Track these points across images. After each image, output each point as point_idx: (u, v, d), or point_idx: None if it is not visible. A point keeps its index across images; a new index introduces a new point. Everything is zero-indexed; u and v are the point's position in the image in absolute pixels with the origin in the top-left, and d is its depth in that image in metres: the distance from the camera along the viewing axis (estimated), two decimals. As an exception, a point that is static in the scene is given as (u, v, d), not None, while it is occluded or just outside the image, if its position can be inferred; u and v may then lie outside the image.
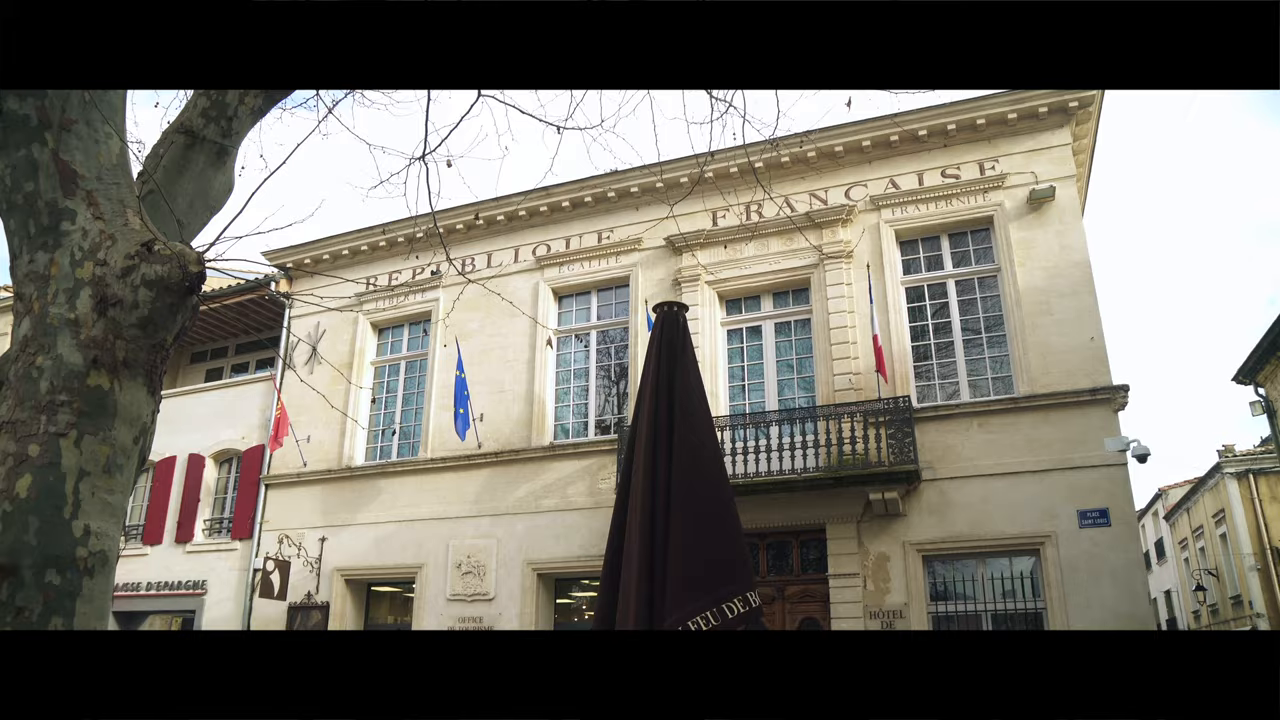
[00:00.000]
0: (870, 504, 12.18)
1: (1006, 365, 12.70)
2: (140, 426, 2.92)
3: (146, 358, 2.93)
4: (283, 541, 16.37)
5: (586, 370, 15.46)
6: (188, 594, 17.47)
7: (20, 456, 2.65)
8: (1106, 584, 11.25)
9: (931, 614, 12.05)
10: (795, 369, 13.98)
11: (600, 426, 14.95)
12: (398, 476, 15.98)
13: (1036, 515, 11.73)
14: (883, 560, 12.28)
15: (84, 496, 2.68)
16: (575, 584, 14.76)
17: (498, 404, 15.47)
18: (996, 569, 12.07)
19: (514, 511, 14.73)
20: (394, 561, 15.52)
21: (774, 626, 12.74)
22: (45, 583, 2.54)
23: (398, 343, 17.49)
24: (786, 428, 12.75)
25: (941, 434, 12.46)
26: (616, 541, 4.43)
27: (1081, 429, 11.84)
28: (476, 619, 14.50)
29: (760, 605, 4.05)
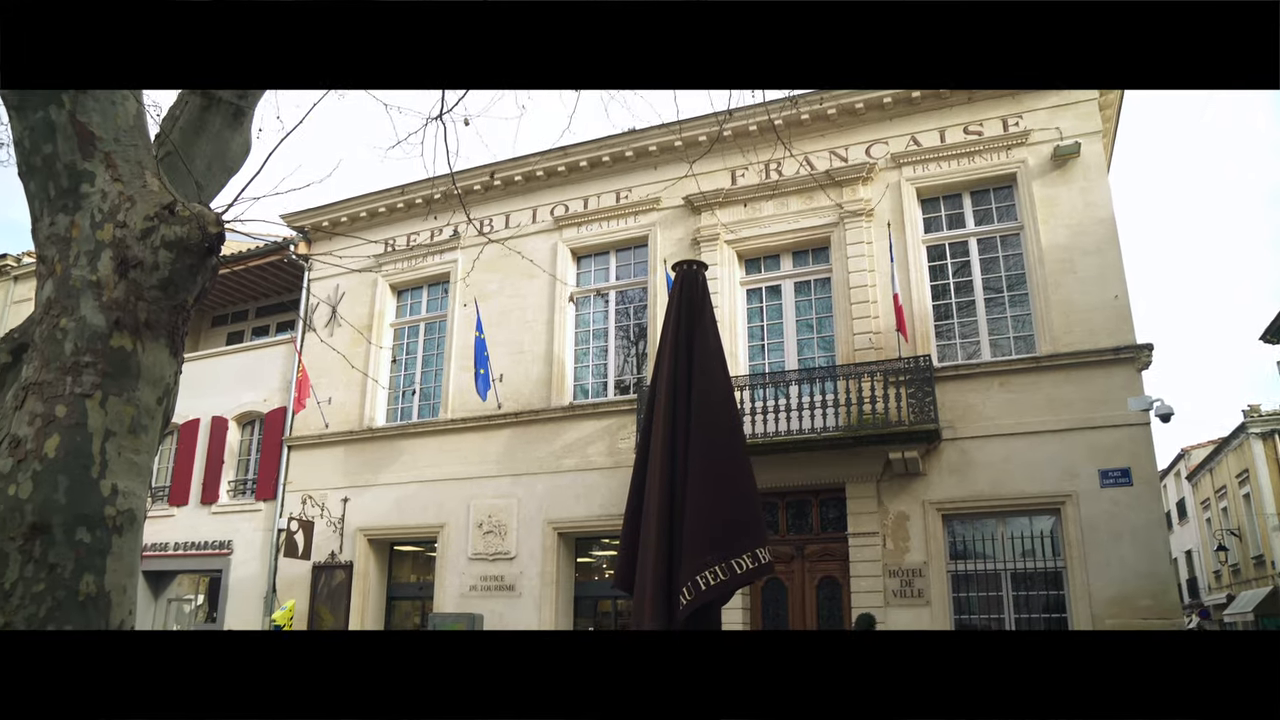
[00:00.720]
0: (890, 463, 12.17)
1: (1028, 324, 12.59)
2: (163, 387, 2.94)
3: (168, 319, 2.94)
4: (306, 502, 16.59)
5: (605, 330, 15.46)
6: (214, 554, 17.77)
7: (48, 417, 2.68)
8: (1127, 543, 11.23)
9: (951, 573, 12.09)
10: (815, 328, 13.92)
11: (619, 387, 14.99)
12: (418, 437, 16.11)
13: (1057, 475, 11.69)
14: (902, 519, 12.30)
15: (110, 456, 2.71)
16: (595, 543, 14.89)
17: (517, 365, 15.52)
18: (1016, 528, 12.06)
19: (534, 471, 14.84)
20: (416, 521, 15.70)
21: (794, 585, 12.83)
22: (76, 540, 2.58)
23: (417, 304, 17.53)
24: (806, 387, 12.73)
25: (962, 393, 12.41)
26: (636, 500, 4.45)
27: (1104, 388, 11.76)
28: (498, 578, 14.68)
29: (770, 562, 4.07)
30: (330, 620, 15.93)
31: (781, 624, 12.84)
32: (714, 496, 4.07)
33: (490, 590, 14.69)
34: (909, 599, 11.99)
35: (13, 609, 2.46)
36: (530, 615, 14.23)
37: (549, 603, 14.20)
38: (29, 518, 2.54)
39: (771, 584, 12.76)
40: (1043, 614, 11.70)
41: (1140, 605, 11.02)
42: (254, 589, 17.03)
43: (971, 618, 11.99)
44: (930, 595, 11.92)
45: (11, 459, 2.63)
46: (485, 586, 14.75)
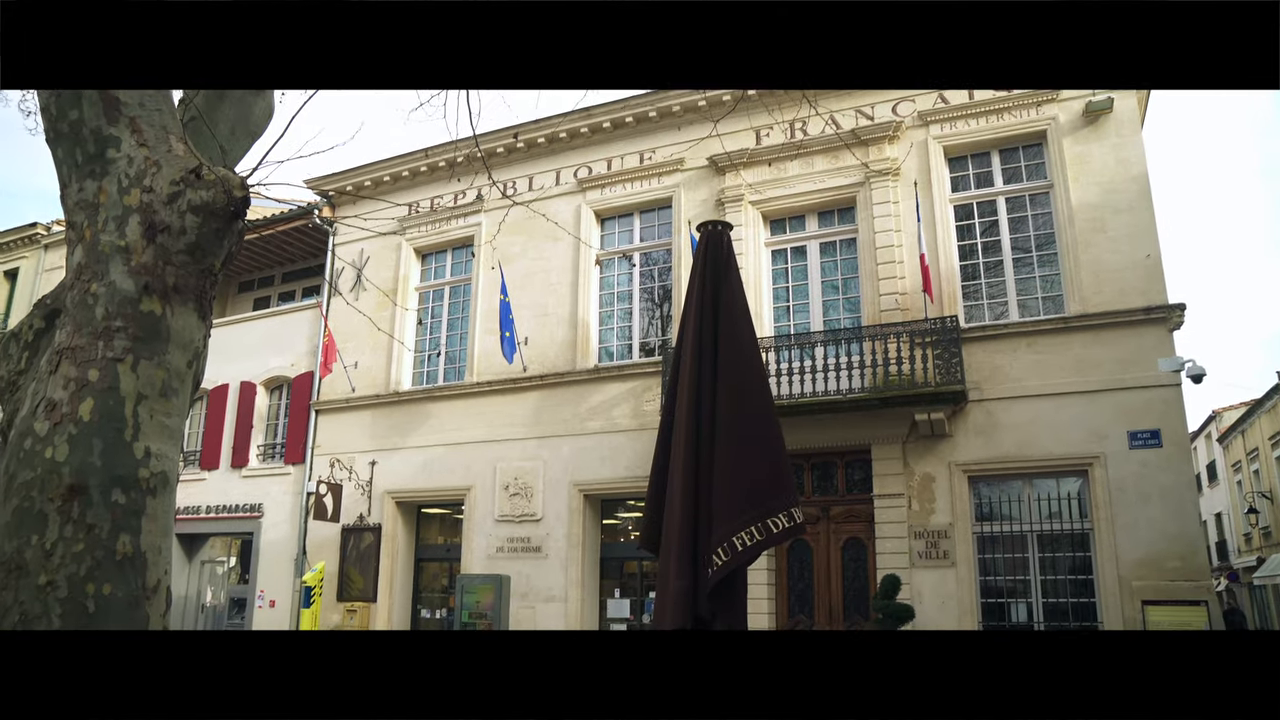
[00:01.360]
0: (916, 425, 12.13)
1: (1057, 284, 12.42)
2: (193, 351, 2.97)
3: (196, 283, 2.96)
4: (334, 465, 16.79)
5: (630, 293, 15.43)
6: (245, 517, 18.07)
7: (81, 381, 2.71)
8: (1156, 505, 11.15)
9: (976, 534, 12.07)
10: (840, 289, 13.82)
11: (644, 349, 14.99)
12: (444, 401, 16.23)
13: (1085, 436, 11.60)
14: (928, 481, 12.28)
15: (143, 419, 2.75)
16: (621, 505, 14.99)
17: (542, 328, 15.54)
18: (1043, 490, 12.01)
19: (560, 434, 14.92)
20: (443, 484, 15.86)
21: (819, 547, 12.87)
22: (112, 502, 2.62)
23: (441, 268, 17.57)
24: (832, 348, 12.67)
25: (989, 354, 12.30)
26: (662, 462, 4.46)
27: (1134, 349, 11.61)
28: (525, 539, 14.83)
29: (803, 523, 4.08)
30: (360, 582, 16.19)
31: (807, 586, 12.91)
32: (745, 456, 4.07)
33: (517, 552, 14.86)
34: (934, 560, 12.00)
35: (54, 567, 2.52)
36: (557, 576, 14.39)
37: (575, 564, 14.34)
38: (66, 479, 2.59)
39: (797, 545, 12.81)
40: (1069, 575, 11.68)
41: (1168, 567, 10.97)
42: (285, 551, 17.32)
43: (997, 579, 11.99)
44: (956, 557, 11.92)
45: (48, 422, 2.67)
46: (512, 548, 14.92)
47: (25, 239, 25.30)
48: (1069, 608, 11.57)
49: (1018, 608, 11.87)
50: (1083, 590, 11.55)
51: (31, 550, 2.53)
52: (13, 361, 3.15)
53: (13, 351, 3.16)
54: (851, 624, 12.49)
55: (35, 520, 2.56)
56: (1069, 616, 11.54)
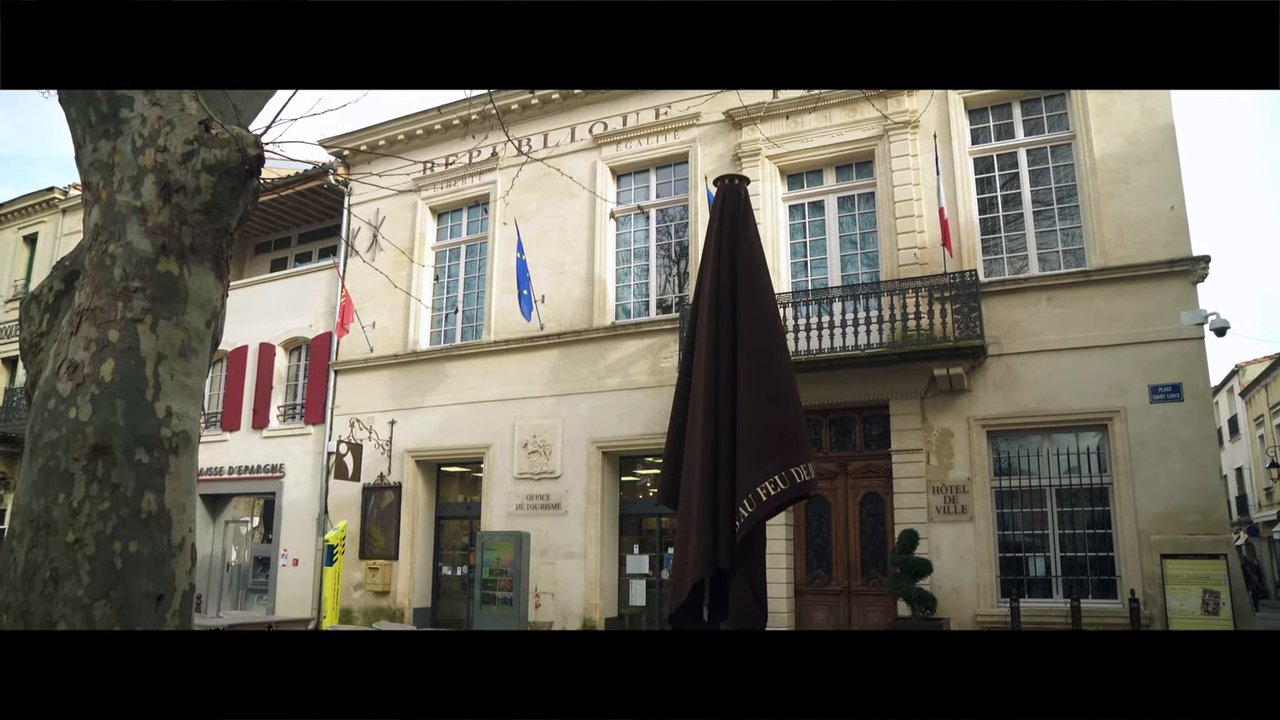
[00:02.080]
0: (935, 380, 12.08)
1: (1078, 237, 12.27)
2: (211, 311, 2.97)
3: (212, 243, 2.96)
4: (354, 425, 16.93)
5: (646, 250, 15.37)
6: (267, 477, 18.29)
7: (102, 341, 2.72)
8: (1176, 459, 11.10)
9: (995, 489, 12.07)
10: (858, 244, 13.70)
11: (661, 306, 14.96)
12: (462, 360, 16.29)
13: (1105, 390, 11.53)
14: (946, 436, 12.26)
15: (163, 379, 2.76)
16: (639, 461, 15.06)
17: (558, 285, 15.53)
18: (1062, 444, 11.97)
19: (578, 391, 14.97)
20: (462, 442, 15.98)
21: (837, 502, 12.92)
22: (136, 461, 2.64)
23: (457, 227, 17.53)
24: (850, 304, 12.60)
25: (1008, 308, 12.20)
26: (680, 418, 4.47)
27: (1157, 302, 11.48)
28: (544, 497, 14.95)
29: (816, 476, 4.11)
30: (381, 540, 16.39)
31: (825, 541, 12.98)
32: (767, 410, 4.08)
33: (536, 509, 14.99)
34: (952, 515, 12.02)
35: (81, 525, 2.55)
36: (576, 533, 14.52)
37: (594, 521, 14.46)
38: (90, 439, 2.61)
39: (815, 501, 12.85)
40: (1087, 530, 11.68)
41: (1187, 521, 10.94)
42: (306, 510, 17.55)
43: (1015, 534, 12.01)
44: (974, 512, 11.93)
45: (70, 382, 2.69)
46: (531, 505, 15.05)
47: (43, 204, 25.43)
48: (1087, 561, 11.59)
49: (1035, 562, 11.91)
50: (1101, 544, 11.55)
51: (59, 509, 2.56)
52: (34, 324, 3.16)
53: (34, 314, 3.18)
54: (869, 579, 12.57)
55: (61, 479, 2.59)
56: (1087, 570, 11.57)
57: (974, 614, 11.63)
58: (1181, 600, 10.52)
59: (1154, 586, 10.90)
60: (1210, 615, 10.37)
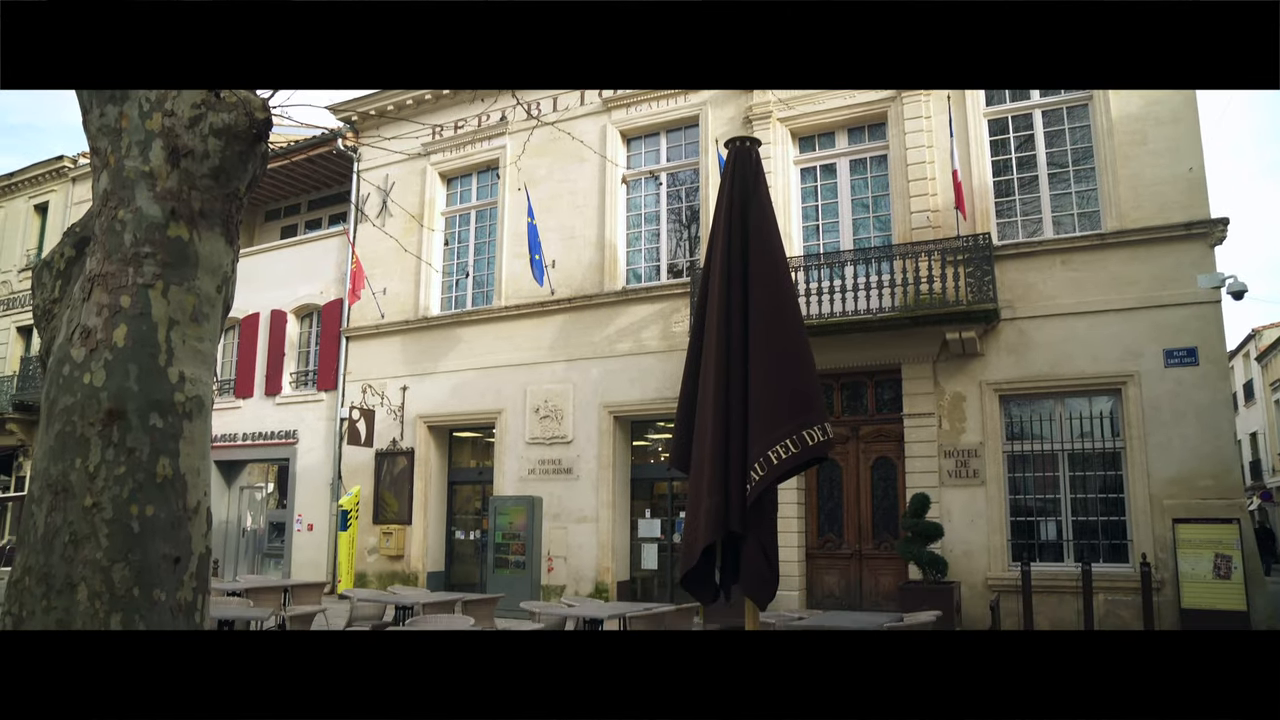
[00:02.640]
0: (947, 344, 12.03)
1: (1094, 200, 12.13)
2: (222, 276, 2.97)
3: (222, 207, 2.95)
4: (366, 391, 17.01)
5: (657, 214, 15.28)
6: (281, 443, 18.43)
7: (114, 307, 2.73)
8: (1190, 424, 11.05)
9: (1007, 453, 12.06)
10: (871, 207, 13.59)
11: (672, 270, 14.91)
12: (473, 325, 16.30)
13: (1120, 354, 11.46)
14: (959, 400, 12.23)
15: (175, 344, 2.77)
16: (650, 426, 15.10)
17: (569, 250, 15.48)
18: (1075, 409, 11.93)
19: (589, 356, 14.98)
20: (474, 408, 16.04)
21: (848, 466, 12.93)
22: (150, 426, 2.66)
23: (466, 192, 17.47)
24: (862, 267, 12.53)
25: (1022, 272, 12.11)
26: (691, 381, 4.46)
27: (1173, 265, 11.37)
28: (555, 461, 15.02)
29: (832, 440, 4.09)
30: (395, 505, 16.53)
31: (836, 505, 13.01)
32: (778, 373, 4.06)
33: (548, 473, 15.07)
34: (964, 479, 12.03)
35: (98, 490, 2.57)
36: (588, 497, 14.60)
37: (606, 485, 14.53)
38: (105, 404, 2.63)
39: (827, 465, 12.87)
40: (1099, 494, 11.67)
41: (1200, 485, 10.92)
42: (320, 476, 17.69)
43: (1027, 498, 12.01)
44: (986, 476, 11.93)
45: (84, 348, 2.70)
46: (543, 470, 15.13)
47: (53, 172, 25.43)
48: (1098, 526, 11.59)
49: (1047, 526, 11.92)
50: (1113, 509, 11.55)
51: (76, 473, 2.58)
52: (47, 290, 3.17)
53: (46, 280, 3.19)
54: (881, 542, 12.62)
55: (78, 444, 2.61)
56: (1098, 535, 11.58)
57: (985, 578, 11.67)
58: (1193, 564, 10.53)
59: (1165, 551, 10.90)
60: (1221, 579, 10.38)
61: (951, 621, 9.53)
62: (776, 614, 8.20)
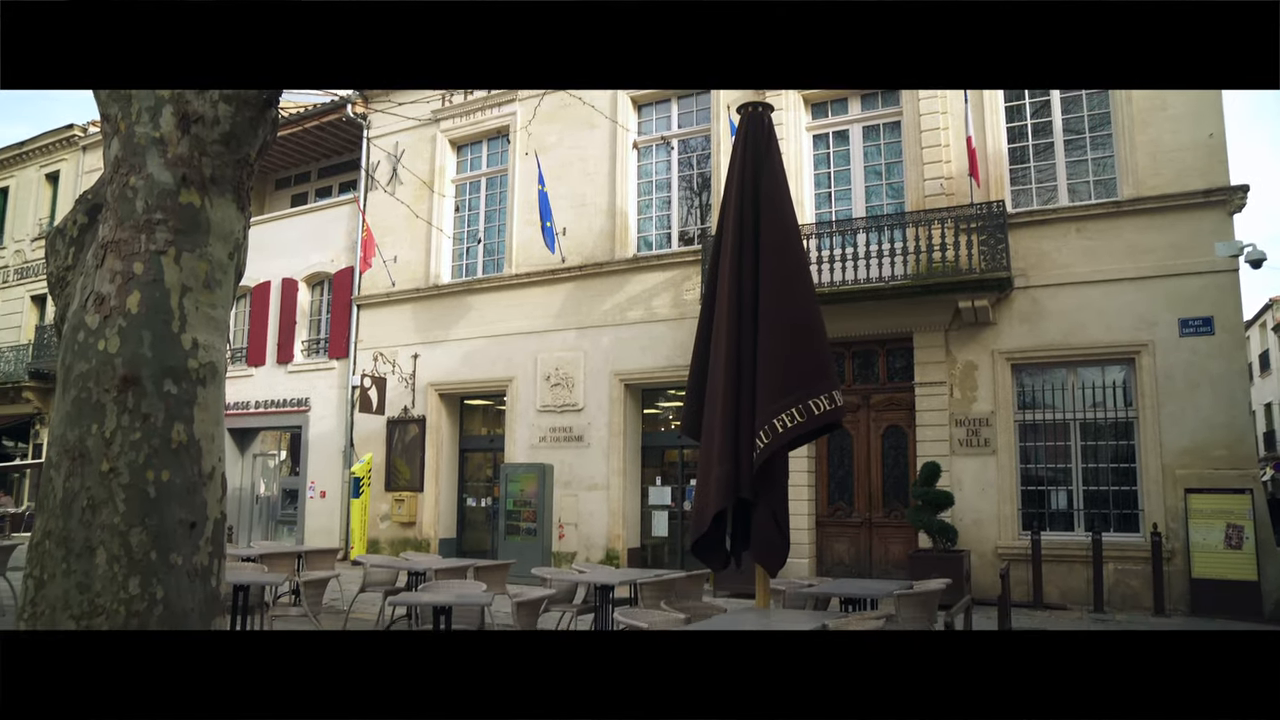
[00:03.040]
0: (959, 312, 11.97)
1: (1110, 167, 11.99)
2: (233, 242, 2.97)
3: (233, 174, 2.94)
4: (377, 359, 17.07)
5: (668, 181, 15.20)
6: (293, 411, 18.54)
7: (127, 274, 2.74)
8: (1205, 394, 10.99)
9: (1018, 422, 12.04)
10: (883, 175, 13.47)
11: (683, 238, 14.85)
12: (484, 293, 16.30)
13: (1134, 324, 11.39)
14: (970, 369, 12.19)
15: (189, 311, 2.78)
16: (661, 394, 15.12)
17: (579, 217, 15.43)
18: (1087, 378, 11.88)
19: (600, 324, 14.97)
20: (485, 375, 16.08)
21: (859, 435, 12.94)
22: (165, 392, 2.67)
23: (477, 159, 17.39)
24: (874, 235, 12.44)
25: (1036, 240, 12.01)
26: (703, 349, 4.46)
27: (1190, 233, 11.25)
28: (566, 429, 15.07)
29: (843, 407, 4.09)
30: (407, 473, 16.64)
31: (847, 473, 13.04)
32: (787, 341, 4.06)
33: (559, 441, 15.13)
34: (975, 448, 12.02)
35: (115, 455, 2.59)
36: (599, 465, 14.66)
37: (617, 452, 14.58)
38: (120, 370, 2.64)
39: (837, 434, 12.87)
40: (1111, 464, 11.65)
41: (1213, 455, 10.89)
42: (332, 444, 17.81)
43: (1038, 467, 12.00)
44: (997, 445, 11.93)
45: (98, 315, 2.71)
46: (554, 438, 15.18)
47: (64, 141, 25.43)
48: (1109, 495, 11.59)
49: (1058, 495, 11.92)
50: (1124, 479, 11.53)
51: (92, 439, 2.61)
52: (60, 257, 3.17)
53: (59, 247, 3.19)
54: (891, 511, 12.65)
55: (94, 410, 2.63)
56: (1109, 504, 11.57)
57: (995, 546, 11.70)
58: (1204, 534, 10.53)
59: (1177, 521, 10.90)
60: (1233, 549, 10.37)
61: (961, 590, 9.56)
62: (786, 581, 8.24)
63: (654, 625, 5.27)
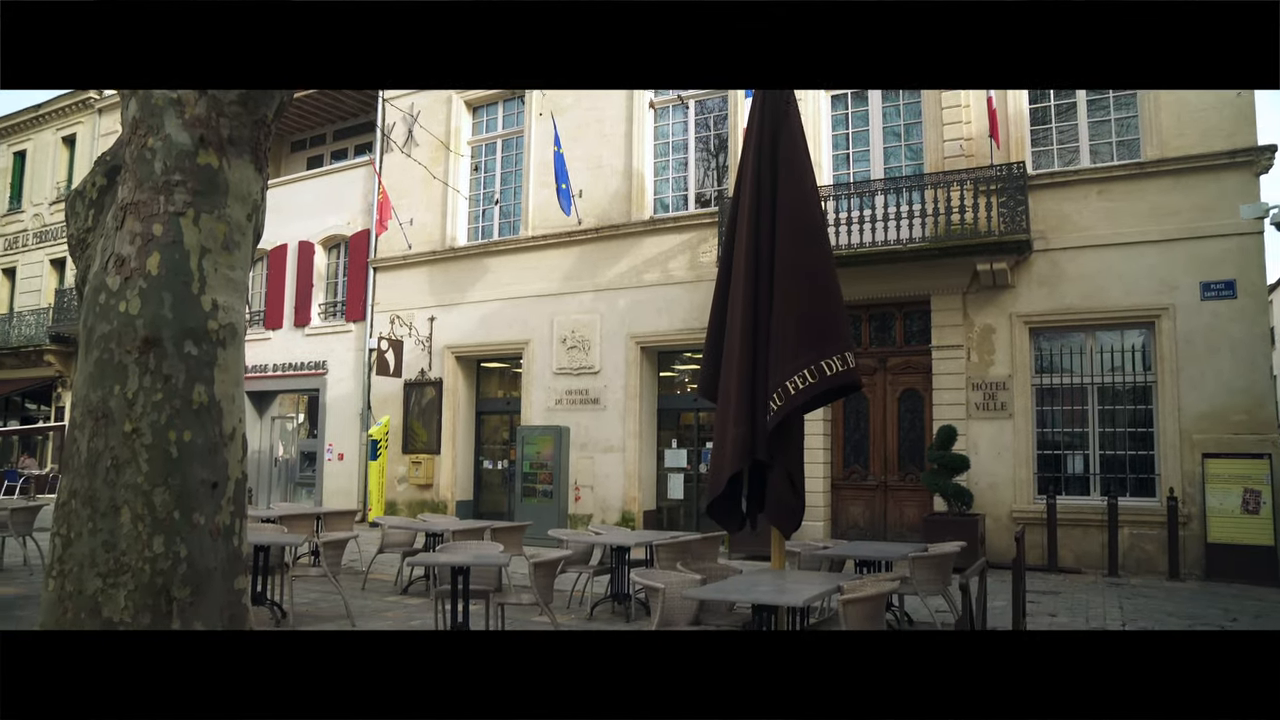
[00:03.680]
0: (978, 275, 11.88)
1: (1134, 127, 11.79)
2: (251, 204, 2.97)
3: (250, 134, 2.94)
4: (394, 322, 17.12)
5: (685, 143, 15.07)
6: (311, 374, 18.66)
7: (147, 235, 2.75)
8: (1225, 358, 10.89)
9: (1035, 386, 11.98)
10: (902, 136, 13.30)
11: (700, 200, 14.75)
12: (500, 255, 16.29)
13: (1155, 287, 11.27)
14: (988, 332, 12.12)
15: (208, 272, 2.79)
16: (677, 357, 15.11)
17: (596, 179, 15.34)
18: (1106, 342, 11.79)
19: (616, 286, 14.94)
20: (501, 338, 16.11)
21: (875, 398, 12.92)
22: (185, 353, 2.69)
23: (493, 121, 17.29)
24: (892, 197, 12.32)
25: (1056, 202, 11.86)
26: (720, 312, 4.44)
27: (1214, 195, 11.08)
28: (583, 391, 15.11)
29: (856, 368, 4.08)
30: (424, 435, 16.75)
31: (863, 437, 13.03)
32: (801, 302, 4.04)
33: (575, 404, 15.18)
34: (991, 412, 11.98)
35: (137, 415, 2.62)
36: (615, 428, 14.71)
37: (633, 415, 14.62)
38: (141, 332, 2.66)
39: (853, 397, 12.85)
40: (1128, 428, 11.59)
41: (1232, 420, 10.81)
42: (350, 406, 17.93)
43: (1054, 432, 11.96)
44: (1014, 408, 11.88)
45: (119, 276, 2.73)
46: (570, 400, 15.23)
47: (79, 104, 25.42)
48: (1126, 460, 11.55)
49: (1074, 460, 11.88)
50: (1142, 443, 11.48)
51: (115, 400, 2.63)
52: (80, 220, 3.19)
53: (79, 210, 3.20)
54: (906, 474, 12.65)
55: (116, 371, 2.65)
56: (1126, 469, 11.53)
57: (1010, 510, 11.70)
58: (1221, 499, 10.49)
59: (1194, 485, 10.86)
60: (1250, 514, 10.34)
61: (976, 553, 9.58)
62: (801, 543, 8.28)
63: (670, 585, 5.31)
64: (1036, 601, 8.78)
